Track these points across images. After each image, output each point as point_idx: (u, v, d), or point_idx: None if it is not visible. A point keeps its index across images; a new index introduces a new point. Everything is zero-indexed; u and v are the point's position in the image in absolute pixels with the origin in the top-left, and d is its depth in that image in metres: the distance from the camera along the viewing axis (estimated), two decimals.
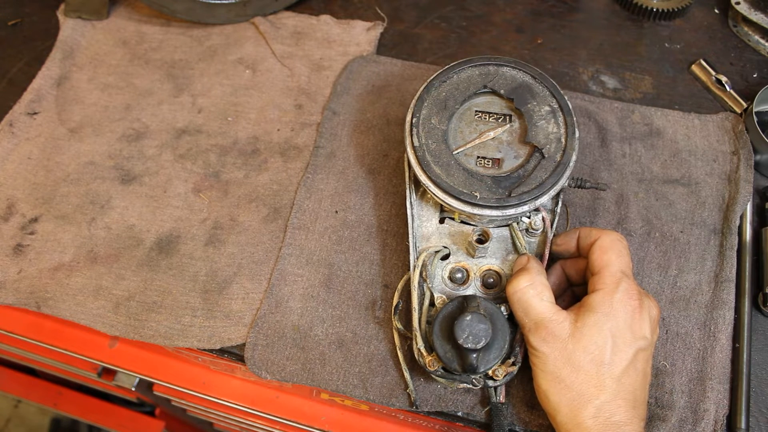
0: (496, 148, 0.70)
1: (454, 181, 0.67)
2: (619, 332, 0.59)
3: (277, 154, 0.87)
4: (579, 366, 0.58)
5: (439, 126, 0.70)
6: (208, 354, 0.76)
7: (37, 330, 0.91)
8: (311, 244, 0.79)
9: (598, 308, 0.60)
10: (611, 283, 0.60)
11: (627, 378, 0.58)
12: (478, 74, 0.73)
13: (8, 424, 1.99)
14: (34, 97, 0.94)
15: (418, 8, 1.04)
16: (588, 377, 0.58)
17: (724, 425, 0.66)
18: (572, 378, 0.58)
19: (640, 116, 0.87)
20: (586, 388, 0.58)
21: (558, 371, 0.59)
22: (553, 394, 0.59)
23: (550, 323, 0.60)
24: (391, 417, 0.86)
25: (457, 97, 0.72)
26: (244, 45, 0.99)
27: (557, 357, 0.59)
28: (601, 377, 0.58)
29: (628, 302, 0.60)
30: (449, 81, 0.73)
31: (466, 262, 0.70)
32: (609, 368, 0.58)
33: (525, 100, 0.71)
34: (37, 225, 0.83)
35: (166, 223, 0.82)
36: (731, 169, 0.82)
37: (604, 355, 0.58)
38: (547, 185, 0.66)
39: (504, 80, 0.72)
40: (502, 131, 0.71)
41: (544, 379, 0.60)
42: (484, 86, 0.72)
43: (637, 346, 0.59)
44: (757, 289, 0.74)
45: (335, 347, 0.72)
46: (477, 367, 0.61)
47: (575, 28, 1.00)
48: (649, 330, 0.60)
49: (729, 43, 0.97)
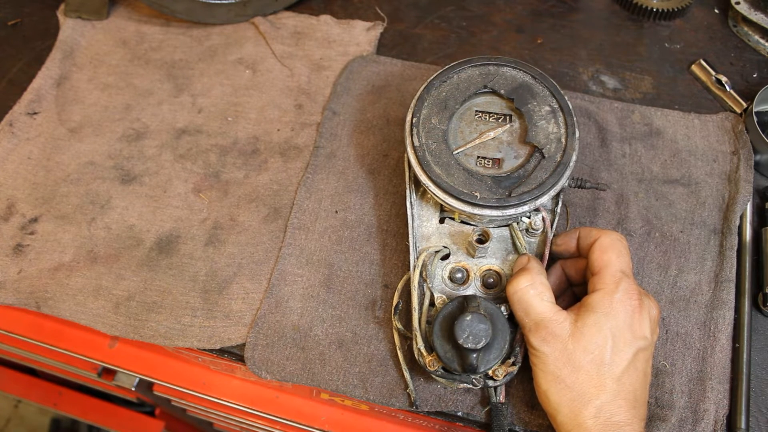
0: (497, 148, 0.70)
1: (455, 181, 0.67)
2: (619, 332, 0.59)
3: (277, 154, 0.87)
4: (579, 366, 0.58)
5: (439, 126, 0.70)
6: (208, 354, 0.76)
7: (37, 330, 0.91)
8: (311, 244, 0.79)
9: (598, 308, 0.60)
10: (611, 282, 0.60)
11: (627, 378, 0.58)
12: (479, 74, 0.73)
13: (8, 424, 1.99)
14: (34, 97, 0.94)
15: (418, 8, 1.04)
16: (588, 377, 0.58)
17: (724, 425, 0.66)
18: (572, 378, 0.58)
19: (640, 116, 0.87)
20: (587, 388, 0.58)
21: (558, 371, 0.59)
22: (553, 394, 0.59)
23: (550, 323, 0.60)
24: (391, 417, 0.86)
25: (458, 97, 0.72)
26: (244, 45, 0.99)
27: (557, 357, 0.59)
28: (601, 377, 0.58)
29: (628, 302, 0.60)
30: (449, 81, 0.73)
31: (466, 262, 0.70)
32: (609, 368, 0.58)
33: (525, 100, 0.71)
34: (37, 225, 0.83)
35: (166, 223, 0.82)
36: (731, 169, 0.82)
37: (604, 355, 0.58)
38: (548, 185, 0.66)
39: (504, 80, 0.72)
40: (503, 131, 0.71)
41: (545, 379, 0.60)
42: (484, 86, 0.72)
43: (637, 345, 0.59)
44: (757, 289, 0.74)
45: (335, 347, 0.72)
46: (477, 367, 0.61)
47: (575, 28, 1.00)
48: (649, 330, 0.60)
49: (729, 43, 0.97)
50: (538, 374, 0.61)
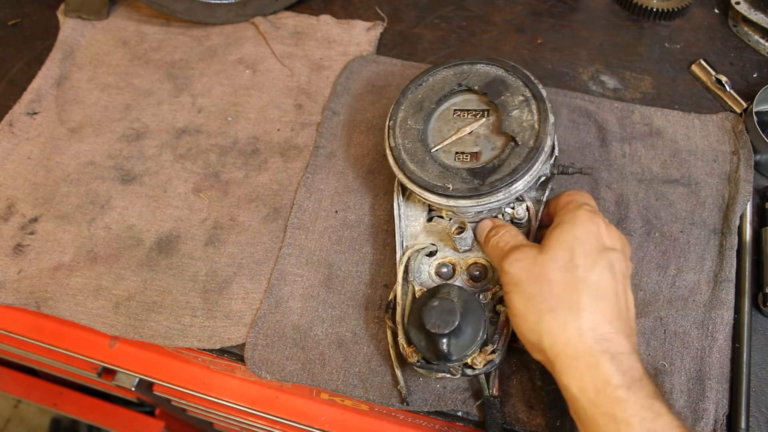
0: (474, 142, 0.72)
1: (428, 175, 0.69)
2: (586, 238, 0.60)
3: (277, 154, 0.87)
4: (550, 276, 0.58)
5: (415, 126, 0.73)
6: (208, 354, 0.76)
7: (37, 330, 0.91)
8: (311, 244, 0.79)
9: (562, 224, 0.61)
10: (574, 208, 0.62)
11: (604, 282, 0.58)
12: (453, 74, 0.75)
13: (8, 424, 1.99)
14: (34, 97, 0.94)
15: (418, 8, 1.04)
16: (563, 283, 0.58)
17: (724, 425, 0.66)
18: (547, 289, 0.58)
19: (640, 116, 0.87)
20: (563, 292, 0.58)
21: (532, 288, 0.59)
22: (532, 314, 0.58)
23: (520, 247, 0.62)
24: (391, 417, 0.86)
25: (432, 98, 0.74)
26: (244, 45, 0.99)
27: (529, 273, 0.60)
28: (576, 280, 0.58)
29: (591, 217, 0.61)
30: (425, 84, 0.75)
31: (452, 257, 0.72)
32: (583, 271, 0.58)
33: (499, 93, 0.72)
34: (37, 225, 0.83)
35: (166, 223, 0.82)
36: (731, 169, 0.82)
37: (575, 259, 0.58)
38: (520, 171, 0.66)
39: (478, 76, 0.74)
40: (479, 125, 0.72)
41: (522, 304, 0.59)
42: (458, 84, 0.74)
43: (608, 254, 0.59)
44: (757, 289, 0.74)
45: (335, 347, 0.72)
46: (449, 354, 0.61)
47: (575, 28, 1.00)
48: (618, 243, 0.61)
49: (729, 43, 0.97)
50: (514, 301, 0.60)
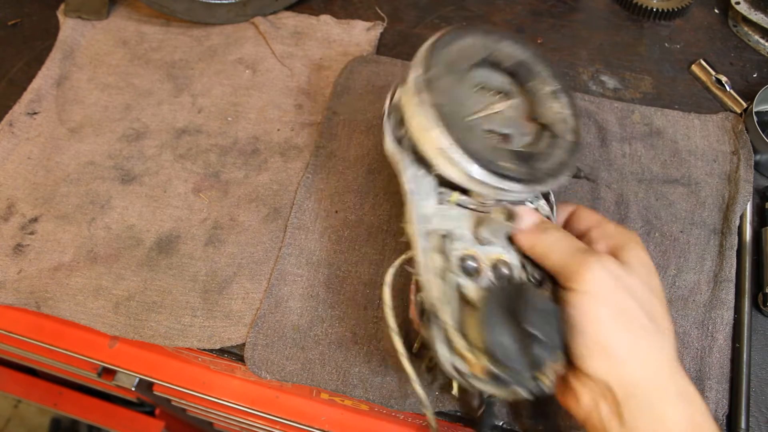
0: (502, 123, 0.62)
1: (479, 147, 0.55)
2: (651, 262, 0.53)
3: (277, 154, 0.87)
4: (638, 292, 0.49)
5: (450, 89, 0.58)
6: (208, 354, 0.76)
7: (37, 330, 0.91)
8: (311, 244, 0.79)
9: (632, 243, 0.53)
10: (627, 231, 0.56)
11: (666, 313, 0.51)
12: (481, 45, 0.64)
13: (8, 424, 1.99)
14: (34, 97, 0.94)
15: (418, 8, 1.04)
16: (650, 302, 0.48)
17: (724, 425, 0.66)
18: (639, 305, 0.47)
19: (640, 116, 0.87)
20: (653, 310, 0.47)
21: (622, 302, 0.47)
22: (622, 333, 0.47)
23: (591, 252, 0.51)
24: (391, 417, 0.86)
25: (461, 64, 0.61)
26: (244, 45, 0.99)
27: (623, 283, 0.48)
28: (660, 302, 0.49)
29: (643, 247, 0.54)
30: (455, 44, 0.62)
31: (474, 249, 0.57)
32: (660, 294, 0.50)
33: (527, 78, 0.65)
34: (37, 225, 0.83)
35: (166, 223, 0.82)
36: (731, 169, 0.82)
37: (653, 282, 0.50)
38: (567, 164, 0.60)
39: (504, 55, 0.64)
40: (506, 106, 0.63)
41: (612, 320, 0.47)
42: (484, 59, 0.64)
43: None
44: (757, 289, 0.74)
45: (335, 347, 0.72)
46: (542, 361, 0.49)
47: (575, 28, 1.00)
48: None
49: (729, 43, 0.97)
50: (602, 315, 0.47)
